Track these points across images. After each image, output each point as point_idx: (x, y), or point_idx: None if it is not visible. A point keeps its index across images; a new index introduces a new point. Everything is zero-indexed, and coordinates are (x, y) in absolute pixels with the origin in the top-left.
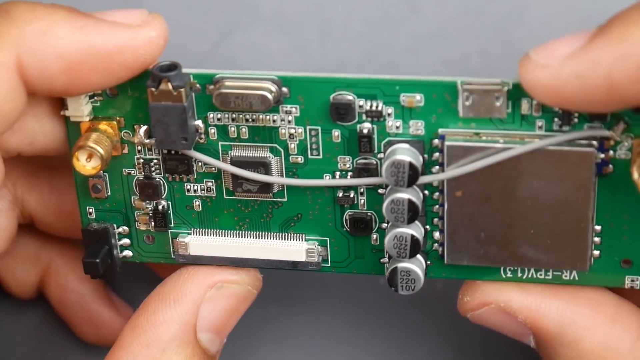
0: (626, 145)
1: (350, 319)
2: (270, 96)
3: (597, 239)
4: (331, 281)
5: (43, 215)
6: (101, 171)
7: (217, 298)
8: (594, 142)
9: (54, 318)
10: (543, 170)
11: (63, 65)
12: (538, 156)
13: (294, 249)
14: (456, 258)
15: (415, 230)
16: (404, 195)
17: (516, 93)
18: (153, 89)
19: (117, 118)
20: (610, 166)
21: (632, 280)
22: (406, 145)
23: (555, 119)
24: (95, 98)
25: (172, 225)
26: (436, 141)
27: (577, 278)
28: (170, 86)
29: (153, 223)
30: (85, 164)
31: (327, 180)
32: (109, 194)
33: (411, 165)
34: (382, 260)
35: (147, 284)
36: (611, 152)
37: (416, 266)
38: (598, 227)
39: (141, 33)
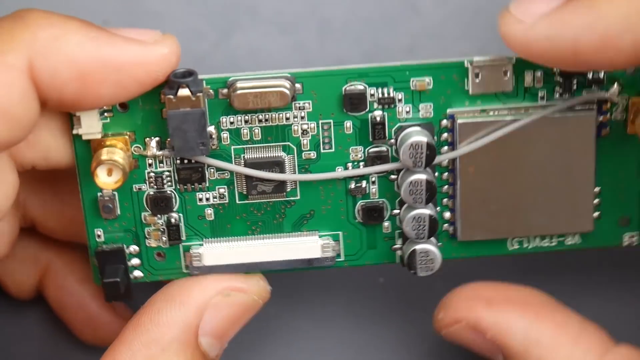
0: (621, 106)
1: (349, 318)
2: (288, 92)
3: (596, 201)
4: (332, 280)
5: (45, 220)
6: (124, 183)
7: (223, 305)
8: (594, 106)
9: (53, 319)
10: (548, 138)
11: (74, 72)
12: (543, 125)
13: (308, 245)
14: (469, 234)
15: (432, 210)
16: (422, 175)
17: (519, 67)
18: (171, 97)
19: (128, 133)
20: (608, 128)
21: (631, 237)
22: (418, 128)
23: (556, 88)
24: (106, 114)
25: (184, 238)
26: (445, 122)
27: (579, 241)
28: (189, 92)
29: (166, 237)
30: (106, 180)
31: (342, 172)
32: (119, 213)
33: (429, 145)
34: (393, 248)
35: (146, 284)
36: (608, 115)
37: (433, 246)
38: (597, 189)
39: (153, 49)
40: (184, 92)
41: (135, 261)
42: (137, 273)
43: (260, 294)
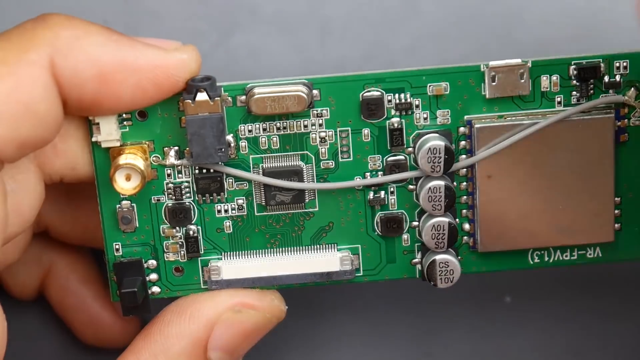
0: (639, 112)
1: (349, 320)
2: (305, 96)
3: (617, 211)
4: (351, 294)
5: (59, 226)
6: (141, 189)
7: (233, 321)
8: (612, 110)
9: (55, 320)
10: (567, 142)
11: (94, 71)
12: (561, 129)
13: (327, 259)
14: (489, 245)
15: (451, 218)
16: (440, 182)
17: (535, 72)
18: (189, 101)
19: (147, 142)
20: (626, 134)
21: None
22: (436, 135)
23: (573, 92)
24: (125, 123)
25: (202, 252)
26: (462, 129)
27: (600, 255)
28: (207, 96)
29: (185, 250)
30: (125, 185)
31: (360, 181)
32: (137, 225)
33: (447, 149)
34: (413, 262)
35: (164, 301)
36: (626, 120)
37: (453, 257)
38: (617, 199)
39: (173, 54)
40: (202, 96)
41: (153, 276)
42: (155, 289)
43: (273, 312)
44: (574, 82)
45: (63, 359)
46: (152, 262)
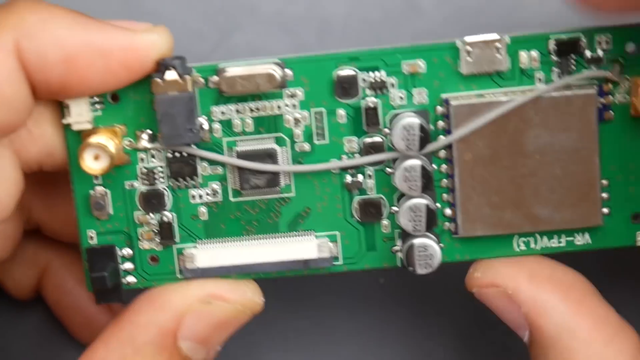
0: (624, 89)
1: (350, 321)
2: (276, 74)
3: (604, 195)
4: (331, 283)
5: (50, 222)
6: (108, 171)
7: (202, 313)
8: (594, 85)
9: (52, 320)
10: (548, 120)
11: (61, 54)
12: (541, 105)
13: (304, 245)
14: (470, 228)
15: (429, 201)
16: (416, 161)
17: (513, 47)
18: (159, 80)
19: (119, 125)
20: (611, 112)
21: None
22: (411, 113)
23: (554, 68)
24: (97, 106)
25: (177, 239)
26: (440, 108)
27: (590, 242)
28: (176, 74)
29: (159, 237)
30: (91, 165)
31: (336, 162)
32: (111, 213)
33: (421, 127)
34: (394, 249)
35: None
36: (610, 97)
37: (432, 241)
38: (605, 182)
39: (142, 36)
40: (171, 74)
41: (128, 265)
42: (131, 279)
43: (246, 304)
44: (554, 57)
45: (60, 359)
46: (127, 251)
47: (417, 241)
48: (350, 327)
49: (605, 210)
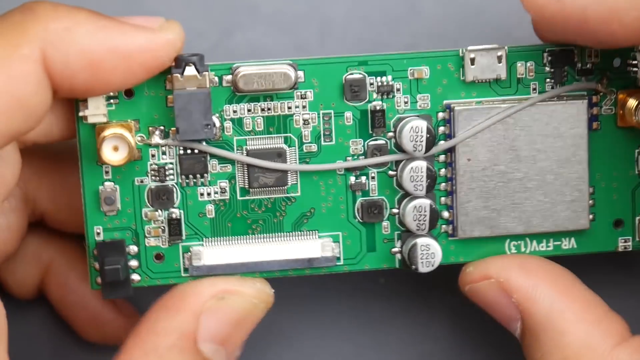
0: (610, 100)
1: (351, 320)
2: (291, 74)
3: (590, 202)
4: (332, 283)
5: (55, 212)
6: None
7: (218, 309)
8: (585, 95)
9: (55, 318)
10: (543, 126)
11: (85, 61)
12: (537, 113)
13: (308, 245)
14: (468, 230)
15: (432, 201)
16: (422, 162)
17: (511, 58)
18: (178, 75)
19: (132, 121)
20: (598, 122)
21: (625, 241)
22: (417, 116)
23: (548, 80)
24: (112, 101)
25: (184, 237)
26: (442, 114)
27: (575, 246)
28: (195, 70)
29: (167, 234)
30: (112, 157)
31: (342, 163)
32: (119, 208)
33: (428, 129)
34: (393, 251)
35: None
36: (598, 108)
37: (434, 240)
38: (591, 189)
39: (160, 35)
40: (190, 70)
41: (133, 263)
42: (135, 276)
43: (259, 296)
44: (548, 69)
45: (65, 358)
46: (133, 248)
47: (420, 240)
48: (351, 327)
49: (590, 216)
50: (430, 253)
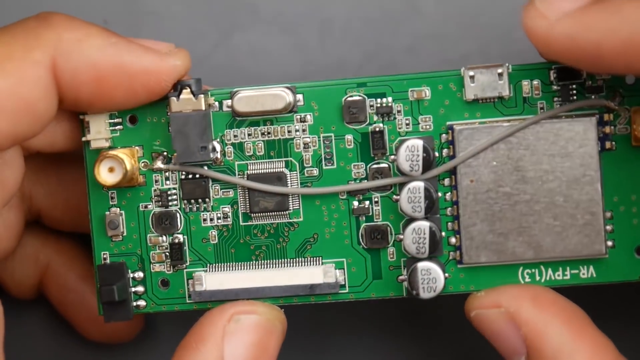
0: (625, 119)
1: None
2: (287, 96)
3: (609, 227)
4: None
5: (51, 210)
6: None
7: (238, 332)
8: (595, 113)
9: (55, 318)
10: (549, 146)
11: (93, 74)
12: (543, 131)
13: (311, 271)
14: (474, 255)
15: (432, 225)
16: (419, 182)
17: (516, 76)
18: (174, 98)
19: (136, 147)
20: (613, 142)
21: None
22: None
23: (555, 99)
24: (116, 127)
25: (188, 263)
26: (444, 136)
27: (595, 275)
28: (190, 93)
29: (170, 259)
30: (106, 177)
31: (344, 186)
32: (125, 233)
33: (424, 148)
34: (400, 278)
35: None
36: (611, 127)
37: (435, 264)
38: (608, 214)
39: (167, 60)
40: (186, 93)
41: (139, 289)
42: (141, 302)
43: (273, 313)
44: (555, 87)
45: (66, 357)
46: (139, 274)
47: (420, 264)
48: (358, 351)
49: (609, 243)
50: (431, 278)
